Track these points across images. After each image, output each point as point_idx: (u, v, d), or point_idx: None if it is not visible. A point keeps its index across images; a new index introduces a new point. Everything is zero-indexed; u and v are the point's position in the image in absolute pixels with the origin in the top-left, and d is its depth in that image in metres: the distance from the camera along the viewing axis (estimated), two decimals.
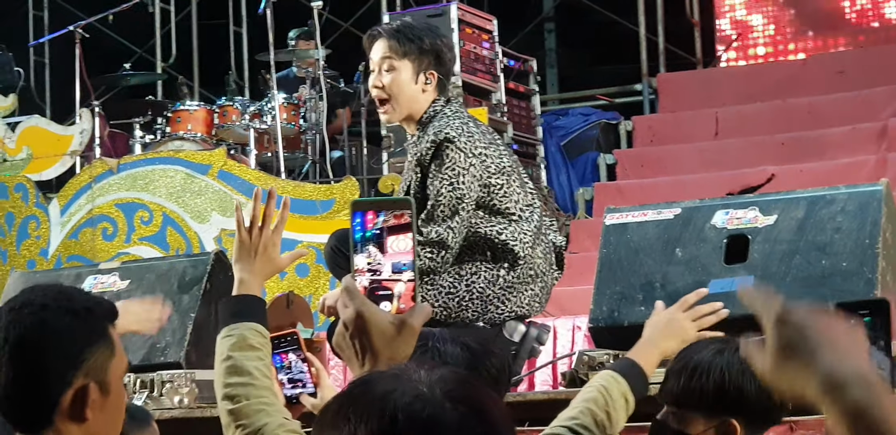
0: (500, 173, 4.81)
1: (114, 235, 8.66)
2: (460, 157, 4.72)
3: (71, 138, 9.25)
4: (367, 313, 1.91)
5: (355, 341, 1.91)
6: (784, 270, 4.52)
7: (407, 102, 4.85)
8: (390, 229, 1.90)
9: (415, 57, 4.80)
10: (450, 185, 4.71)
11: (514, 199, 4.83)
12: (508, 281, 4.78)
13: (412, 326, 1.92)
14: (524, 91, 9.63)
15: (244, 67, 11.36)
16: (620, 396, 2.92)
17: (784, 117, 9.54)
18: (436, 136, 4.74)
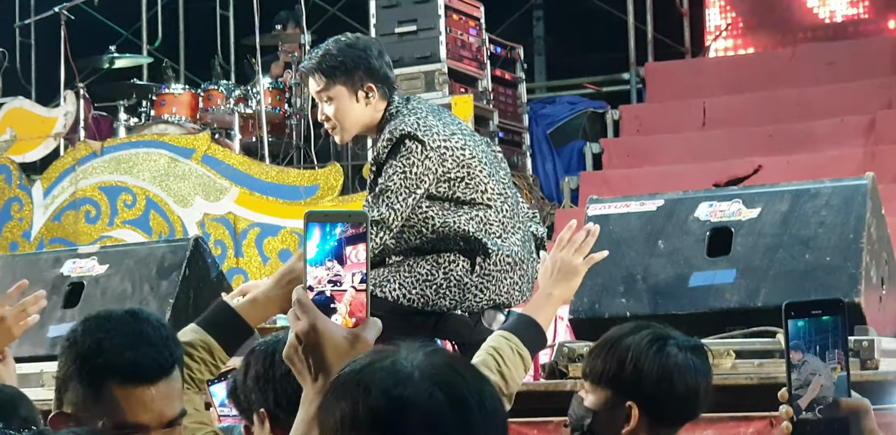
0: (461, 166, 4.79)
1: (97, 218, 8.63)
2: (417, 148, 4.72)
3: (55, 120, 9.21)
4: (321, 327, 1.86)
5: (308, 355, 1.87)
6: (767, 263, 4.50)
7: (356, 121, 4.88)
8: (348, 240, 1.86)
9: (343, 80, 4.84)
10: (402, 174, 4.72)
11: (481, 190, 4.82)
12: (486, 269, 4.77)
13: (366, 340, 1.88)
14: (511, 79, 9.60)
15: (230, 51, 11.30)
16: (514, 354, 2.94)
17: (772, 109, 9.51)
18: (391, 135, 4.76)
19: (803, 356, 2.01)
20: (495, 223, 4.82)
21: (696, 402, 3.12)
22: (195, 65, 11.59)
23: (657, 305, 4.57)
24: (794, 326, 2.01)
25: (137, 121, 9.41)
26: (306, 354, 1.87)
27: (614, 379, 3.14)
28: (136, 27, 11.82)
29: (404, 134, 4.73)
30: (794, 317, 2.01)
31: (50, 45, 9.95)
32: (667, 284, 4.59)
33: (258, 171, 8.31)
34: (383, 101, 4.87)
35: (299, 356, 1.88)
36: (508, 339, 2.95)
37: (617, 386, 3.13)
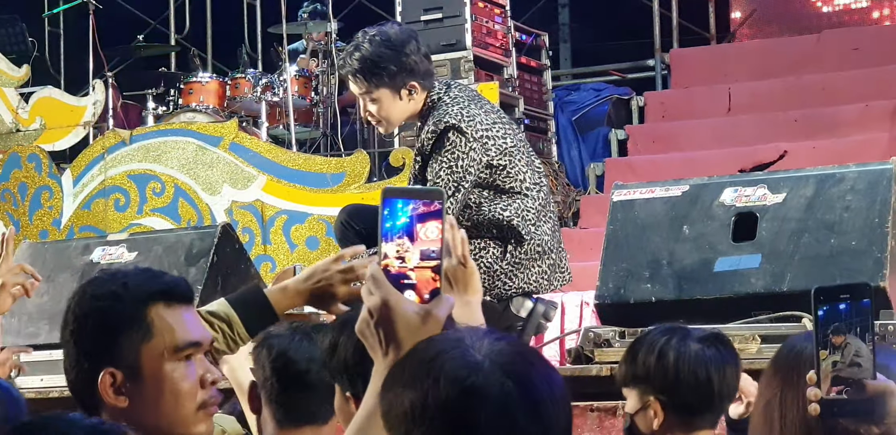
0: (503, 154, 4.84)
1: (126, 206, 8.67)
2: (461, 141, 4.77)
3: (84, 109, 9.25)
4: (393, 302, 1.86)
5: (380, 330, 1.87)
6: (792, 248, 4.52)
7: (399, 116, 4.95)
8: (420, 217, 1.86)
9: (386, 83, 4.87)
10: (448, 169, 4.76)
11: (520, 179, 4.86)
12: (516, 257, 4.80)
13: (437, 316, 1.87)
14: (536, 66, 9.61)
15: (257, 40, 11.33)
16: None
17: (797, 94, 9.50)
18: (436, 126, 4.79)
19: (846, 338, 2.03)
20: (531, 211, 4.86)
21: (710, 391, 3.14)
22: (222, 53, 11.63)
23: (682, 290, 4.59)
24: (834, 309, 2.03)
25: (165, 109, 9.46)
26: (378, 328, 1.87)
27: (635, 378, 3.21)
28: (164, 16, 11.85)
29: (448, 126, 4.77)
30: (822, 302, 2.04)
31: (78, 34, 10.00)
32: (692, 269, 4.61)
33: (285, 158, 8.35)
34: (423, 93, 4.91)
35: (371, 331, 1.88)
36: None
37: (639, 384, 3.20)
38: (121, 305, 2.34)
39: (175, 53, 11.40)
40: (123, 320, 2.33)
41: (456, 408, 1.72)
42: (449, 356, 1.75)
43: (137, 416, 2.31)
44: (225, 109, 9.31)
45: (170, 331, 2.34)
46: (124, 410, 2.31)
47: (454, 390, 1.72)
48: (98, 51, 9.38)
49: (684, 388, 3.13)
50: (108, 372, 2.31)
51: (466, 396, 1.72)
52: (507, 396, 1.72)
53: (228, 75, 9.59)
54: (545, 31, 9.96)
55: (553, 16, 12.06)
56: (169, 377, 2.34)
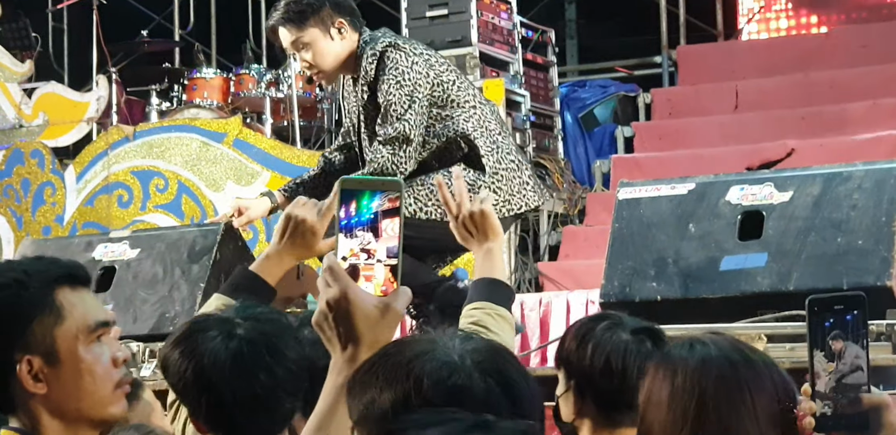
0: (448, 70, 4.92)
1: (129, 203, 8.65)
2: (401, 57, 4.82)
3: (87, 105, 9.23)
4: (352, 295, 1.84)
5: (338, 324, 1.85)
6: (799, 247, 4.49)
7: (336, 59, 4.95)
8: (384, 213, 1.84)
9: (314, 21, 4.92)
10: (396, 84, 4.80)
11: (471, 93, 4.94)
12: (492, 168, 4.83)
13: (396, 309, 1.86)
14: (542, 62, 9.57)
15: (262, 35, 11.29)
16: (494, 319, 2.92)
17: (805, 91, 9.45)
18: (373, 51, 4.86)
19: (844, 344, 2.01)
20: (492, 121, 4.91)
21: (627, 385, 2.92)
22: (227, 49, 11.60)
23: (688, 288, 4.56)
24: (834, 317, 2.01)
25: (169, 105, 9.44)
26: (336, 321, 1.86)
27: (559, 360, 3.09)
28: (168, 11, 11.83)
29: (385, 46, 4.82)
30: (816, 312, 2.01)
31: (82, 29, 9.98)
32: (698, 268, 4.59)
33: (289, 155, 8.32)
34: (355, 32, 4.95)
35: (329, 324, 1.87)
36: (481, 308, 2.93)
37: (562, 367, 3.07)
38: (27, 291, 2.31)
39: (179, 49, 11.37)
40: (34, 306, 2.31)
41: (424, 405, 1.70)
42: (427, 357, 1.74)
43: (57, 401, 2.30)
44: (229, 105, 9.28)
45: (80, 313, 2.33)
46: (44, 396, 2.29)
47: (438, 390, 1.71)
48: (102, 46, 9.36)
49: (597, 375, 2.99)
50: (25, 360, 2.28)
51: (450, 395, 1.71)
52: (490, 394, 1.72)
53: (233, 71, 9.56)
54: (551, 27, 9.92)
55: (559, 12, 12.03)
56: (85, 359, 2.31)
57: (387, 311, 1.86)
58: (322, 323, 1.87)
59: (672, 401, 2.27)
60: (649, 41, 10.89)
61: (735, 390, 2.24)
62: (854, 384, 2.02)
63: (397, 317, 1.86)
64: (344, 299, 1.84)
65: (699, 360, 2.29)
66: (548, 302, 6.64)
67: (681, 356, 2.32)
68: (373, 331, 1.84)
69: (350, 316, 1.84)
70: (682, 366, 2.30)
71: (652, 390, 2.30)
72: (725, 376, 2.25)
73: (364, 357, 1.84)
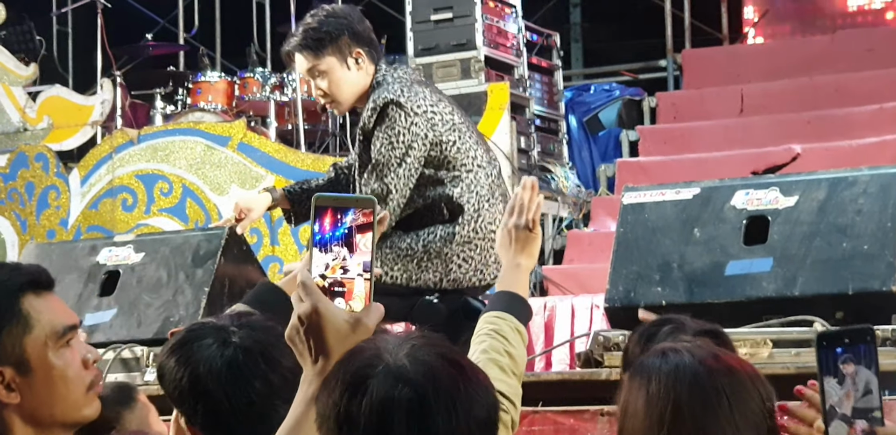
0: (451, 130, 4.76)
1: (133, 206, 8.65)
2: (400, 116, 4.68)
3: (92, 108, 9.23)
4: (323, 310, 1.88)
5: (309, 337, 1.89)
6: (804, 252, 4.47)
7: (352, 90, 4.84)
8: (359, 227, 1.88)
9: (331, 50, 4.80)
10: (389, 144, 4.68)
11: (471, 155, 4.78)
12: (465, 236, 4.71)
13: (367, 325, 1.90)
14: (547, 66, 9.56)
15: (266, 39, 11.30)
16: (513, 332, 2.91)
17: (810, 95, 9.45)
18: (375, 103, 4.72)
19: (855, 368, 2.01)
20: (485, 186, 4.78)
21: None
22: (231, 52, 11.61)
23: (693, 293, 4.55)
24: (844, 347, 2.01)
25: (174, 109, 9.45)
26: (308, 335, 1.89)
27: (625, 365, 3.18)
28: (173, 15, 11.83)
29: (387, 101, 4.69)
30: (825, 347, 2.02)
31: (87, 33, 9.99)
32: (703, 273, 4.57)
33: (294, 159, 8.32)
34: (372, 64, 4.83)
35: (300, 337, 1.90)
36: (504, 318, 2.92)
37: None
38: None
39: (184, 52, 11.37)
40: (0, 317, 2.29)
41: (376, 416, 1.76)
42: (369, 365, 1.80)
43: (31, 409, 2.29)
44: (233, 109, 9.29)
45: (47, 319, 2.32)
46: (17, 405, 2.28)
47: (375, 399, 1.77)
48: (106, 50, 9.37)
49: None
50: None
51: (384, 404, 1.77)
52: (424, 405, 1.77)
53: (237, 75, 9.57)
54: (556, 30, 9.92)
55: (564, 16, 12.03)
56: (56, 365, 2.31)
57: (357, 325, 1.89)
58: (294, 337, 1.91)
59: (647, 408, 2.28)
60: (654, 45, 10.89)
61: (711, 395, 2.24)
62: (865, 408, 2.02)
63: (368, 332, 1.90)
64: (315, 314, 1.88)
65: (672, 366, 2.31)
66: (552, 306, 6.63)
67: (654, 364, 2.34)
68: (343, 345, 1.87)
69: (321, 330, 1.88)
70: (655, 373, 2.32)
71: (628, 400, 2.32)
72: (700, 382, 2.26)
73: None
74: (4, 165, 9.06)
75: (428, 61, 8.65)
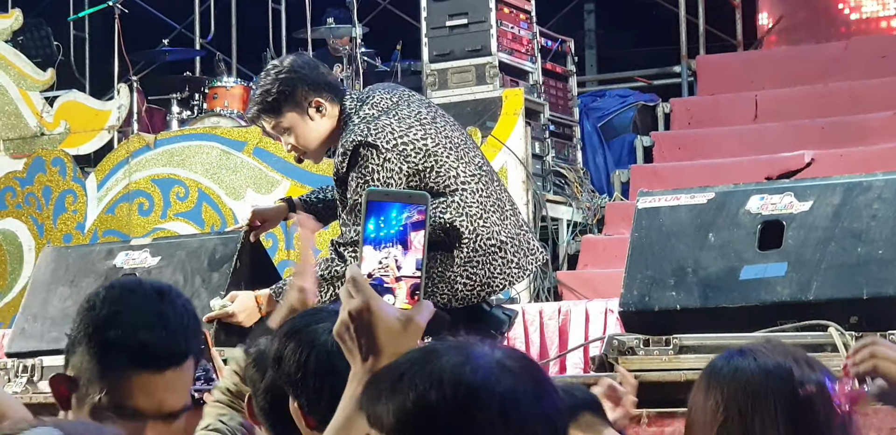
0: (426, 156, 4.66)
1: (150, 211, 8.69)
2: (372, 154, 4.59)
3: (109, 113, 9.27)
4: (375, 307, 1.85)
5: (361, 335, 1.85)
6: (819, 257, 4.48)
7: (318, 136, 4.79)
8: (413, 225, 1.85)
9: (286, 107, 4.76)
10: (365, 184, 4.59)
11: (452, 175, 4.69)
12: (465, 257, 4.64)
13: (418, 323, 1.87)
14: (562, 72, 9.58)
15: (282, 45, 11.34)
16: None
17: (825, 101, 9.45)
18: (344, 148, 4.63)
19: None
20: (474, 205, 4.69)
21: None
22: (247, 58, 11.64)
23: (707, 298, 4.56)
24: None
25: (190, 114, 9.47)
26: (358, 333, 1.85)
27: None
28: (189, 21, 11.87)
29: (356, 144, 4.59)
30: None
31: (104, 38, 10.03)
32: (717, 277, 4.58)
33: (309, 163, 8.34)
34: (335, 105, 4.76)
35: (350, 335, 1.86)
36: None
37: None
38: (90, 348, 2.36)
39: (200, 58, 11.41)
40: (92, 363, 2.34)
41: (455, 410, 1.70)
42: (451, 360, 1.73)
43: None
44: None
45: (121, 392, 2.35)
46: None
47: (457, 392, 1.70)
48: (123, 55, 9.40)
49: None
50: None
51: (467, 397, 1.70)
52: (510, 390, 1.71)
53: (253, 80, 9.59)
54: (571, 36, 9.93)
55: (579, 22, 12.04)
56: None
57: (409, 323, 1.86)
58: (343, 334, 1.87)
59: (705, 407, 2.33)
60: (669, 51, 10.90)
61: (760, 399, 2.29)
62: None
63: (419, 330, 1.87)
64: (367, 311, 1.84)
65: (732, 368, 2.38)
66: (567, 311, 6.64)
67: (717, 365, 2.42)
68: (395, 343, 1.84)
69: (372, 328, 1.85)
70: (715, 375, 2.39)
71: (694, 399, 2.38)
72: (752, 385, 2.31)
73: None
74: (21, 170, 9.10)
75: (443, 67, 8.68)
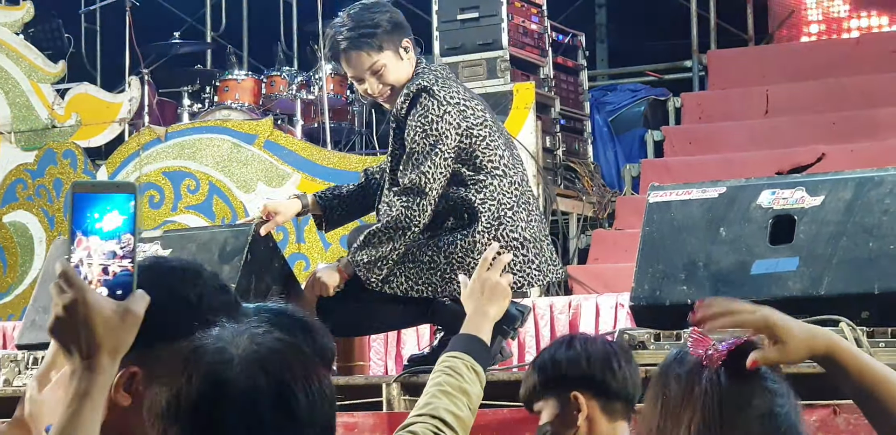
0: (482, 125, 4.73)
1: (160, 203, 8.69)
2: (434, 104, 4.65)
3: (120, 106, 9.27)
4: (91, 301, 1.78)
5: (78, 330, 1.79)
6: (830, 251, 4.47)
7: (405, 78, 4.80)
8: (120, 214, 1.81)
9: (387, 43, 4.77)
10: (423, 132, 4.64)
11: (499, 155, 4.74)
12: (486, 245, 4.63)
13: (136, 313, 1.81)
14: (573, 66, 9.57)
15: (293, 37, 11.33)
16: (469, 371, 2.95)
17: (836, 96, 9.43)
18: (408, 90, 4.70)
19: None
20: (508, 194, 4.72)
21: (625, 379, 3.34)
22: (258, 51, 11.64)
23: (718, 292, 4.55)
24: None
25: (201, 106, 9.48)
26: (75, 328, 1.79)
27: (545, 383, 3.35)
28: (201, 13, 11.87)
29: (420, 88, 4.67)
30: None
31: (115, 31, 10.02)
32: (728, 272, 4.58)
33: (320, 156, 8.34)
34: (414, 56, 4.84)
35: (67, 329, 1.80)
36: (461, 358, 2.97)
37: (554, 388, 3.34)
38: None
39: (211, 51, 11.41)
40: None
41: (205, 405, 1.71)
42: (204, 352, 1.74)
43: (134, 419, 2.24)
44: (260, 107, 9.32)
45: None
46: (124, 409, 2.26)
47: (205, 387, 1.71)
48: (134, 48, 9.40)
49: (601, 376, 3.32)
50: None
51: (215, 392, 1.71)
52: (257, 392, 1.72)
53: (264, 73, 9.60)
54: (582, 31, 9.92)
55: (590, 16, 12.02)
56: None
57: (126, 314, 1.80)
58: (59, 329, 1.80)
59: None
60: (680, 45, 10.88)
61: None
62: None
63: (137, 321, 1.81)
64: (82, 305, 1.78)
65: None
66: (577, 305, 6.65)
67: None
68: (114, 336, 1.78)
69: (90, 321, 1.78)
70: None
71: None
72: None
73: (105, 363, 1.79)
74: (32, 162, 9.11)
75: (454, 60, 8.67)
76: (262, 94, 9.39)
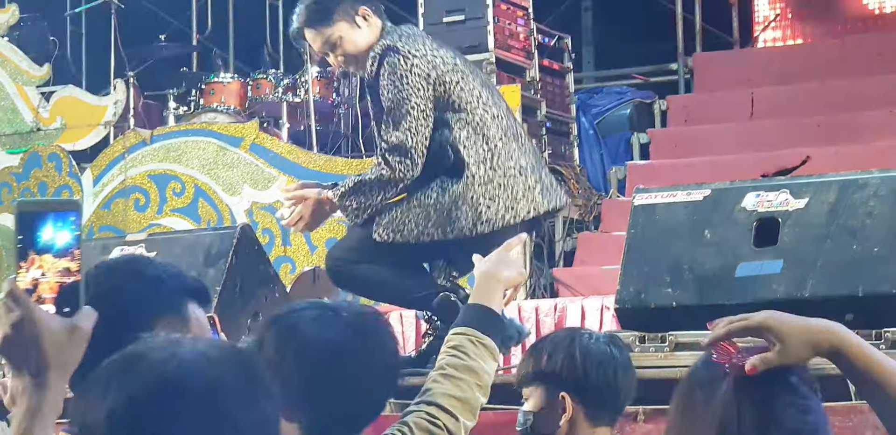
0: (452, 71, 4.85)
1: (146, 206, 8.68)
2: (400, 60, 4.77)
3: (105, 109, 9.26)
4: (38, 318, 1.78)
5: (26, 347, 1.78)
6: (814, 254, 4.49)
7: (367, 45, 4.91)
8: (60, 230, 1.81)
9: (339, 15, 4.91)
10: (395, 89, 4.77)
11: (476, 94, 4.86)
12: (484, 177, 4.78)
13: (84, 329, 1.81)
14: (559, 69, 9.58)
15: (279, 40, 11.32)
16: (476, 346, 2.89)
17: (821, 99, 9.46)
18: (374, 52, 4.83)
19: None
20: (493, 127, 4.83)
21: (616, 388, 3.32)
22: (244, 54, 11.62)
23: (703, 295, 4.56)
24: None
25: (187, 109, 9.46)
26: (24, 346, 1.78)
27: (538, 374, 3.35)
28: (186, 16, 11.86)
29: (385, 48, 4.80)
30: None
31: (100, 33, 10.01)
32: (713, 274, 4.58)
33: (306, 159, 8.34)
34: (378, 18, 4.95)
35: (16, 348, 1.79)
36: (465, 333, 2.88)
37: (544, 381, 3.34)
38: None
39: (197, 53, 11.39)
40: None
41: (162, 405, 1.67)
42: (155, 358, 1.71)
43: None
44: (246, 110, 9.31)
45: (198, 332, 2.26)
46: None
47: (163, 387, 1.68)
48: (119, 50, 9.39)
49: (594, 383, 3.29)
50: None
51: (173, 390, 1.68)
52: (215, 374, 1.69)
53: (250, 76, 9.59)
54: (568, 33, 9.93)
55: (576, 18, 12.03)
56: None
57: (74, 331, 1.80)
58: (7, 348, 1.80)
59: None
60: (665, 48, 10.90)
61: None
62: None
63: (85, 337, 1.81)
64: (30, 323, 1.78)
65: None
66: (563, 308, 6.65)
67: None
68: (62, 353, 1.78)
69: (38, 339, 1.78)
70: None
71: None
72: None
73: (54, 380, 1.79)
74: (17, 165, 9.09)
75: None
76: (248, 96, 9.38)
